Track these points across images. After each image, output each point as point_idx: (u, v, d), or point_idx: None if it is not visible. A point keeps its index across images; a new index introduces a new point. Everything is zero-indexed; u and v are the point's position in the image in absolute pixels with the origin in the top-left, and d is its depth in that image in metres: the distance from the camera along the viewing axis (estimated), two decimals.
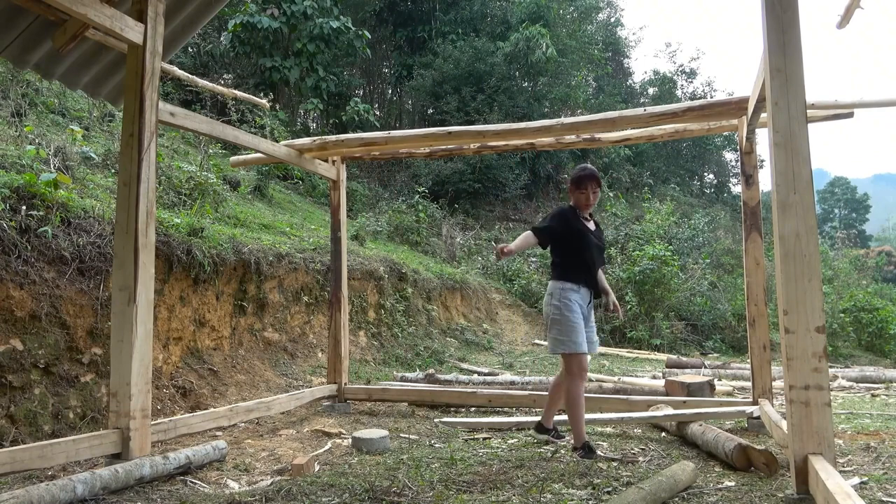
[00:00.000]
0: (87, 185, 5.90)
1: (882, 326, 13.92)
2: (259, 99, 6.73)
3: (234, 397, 5.58)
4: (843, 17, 3.64)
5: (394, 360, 8.38)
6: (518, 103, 18.07)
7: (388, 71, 22.01)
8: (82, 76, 4.48)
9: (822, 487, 2.36)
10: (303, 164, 5.66)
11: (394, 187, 16.72)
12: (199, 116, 4.41)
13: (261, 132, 10.91)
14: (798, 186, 2.76)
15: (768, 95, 2.87)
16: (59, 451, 3.13)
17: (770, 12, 2.86)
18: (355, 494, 3.02)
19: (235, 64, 15.47)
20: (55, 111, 8.15)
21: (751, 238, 4.71)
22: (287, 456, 4.01)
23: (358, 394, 5.73)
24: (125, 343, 3.43)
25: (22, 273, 4.06)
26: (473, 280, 12.18)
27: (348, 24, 14.85)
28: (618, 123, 4.85)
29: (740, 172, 4.92)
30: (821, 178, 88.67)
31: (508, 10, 21.46)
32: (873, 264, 24.35)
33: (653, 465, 3.64)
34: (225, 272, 6.07)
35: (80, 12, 3.27)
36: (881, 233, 59.40)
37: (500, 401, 5.44)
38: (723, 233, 20.80)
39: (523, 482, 3.23)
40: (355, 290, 8.26)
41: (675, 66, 29.11)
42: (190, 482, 3.40)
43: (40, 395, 4.00)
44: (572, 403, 3.86)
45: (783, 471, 3.29)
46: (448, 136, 5.28)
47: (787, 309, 2.73)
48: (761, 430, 4.38)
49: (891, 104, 4.87)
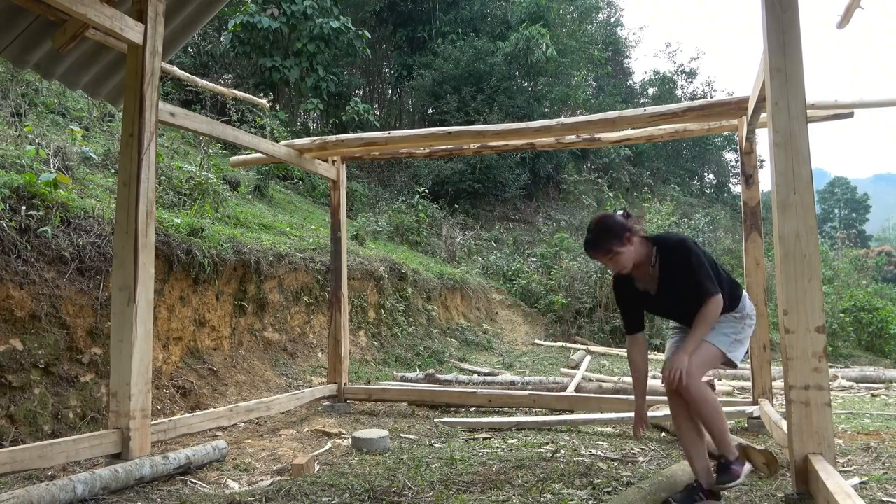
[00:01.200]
0: (87, 185, 5.89)
1: (882, 326, 13.92)
2: (259, 99, 6.74)
3: (234, 397, 5.58)
4: (843, 17, 3.65)
5: (394, 360, 8.38)
6: (518, 103, 18.07)
7: (388, 71, 22.01)
8: (82, 76, 4.48)
9: (822, 487, 2.36)
10: (303, 164, 5.66)
11: (394, 187, 16.72)
12: (199, 116, 4.41)
13: (261, 132, 10.91)
14: (798, 186, 2.76)
15: (768, 95, 2.87)
16: (59, 451, 3.13)
17: (770, 12, 2.86)
18: (355, 494, 3.02)
19: (235, 64, 15.47)
20: (55, 111, 8.15)
21: (751, 238, 4.71)
22: (287, 456, 4.01)
23: (358, 394, 5.73)
24: (125, 343, 3.43)
25: (22, 273, 4.06)
26: (473, 280, 12.18)
27: (348, 24, 14.86)
28: (618, 123, 4.85)
29: (740, 172, 4.92)
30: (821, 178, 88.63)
31: (508, 10, 21.47)
32: (873, 264, 24.35)
33: (653, 465, 3.64)
34: (225, 272, 6.07)
35: (80, 12, 3.27)
36: (881, 233, 59.39)
37: (500, 401, 5.44)
38: (723, 233, 20.78)
39: (523, 482, 3.23)
40: (355, 290, 8.26)
41: (675, 66, 29.12)
42: (190, 482, 3.40)
43: (40, 395, 4.00)
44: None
45: (783, 471, 3.28)
46: (448, 136, 5.28)
47: (787, 309, 2.73)
48: (761, 430, 4.38)
49: (891, 104, 4.87)
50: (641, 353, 3.02)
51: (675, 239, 2.89)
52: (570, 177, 19.90)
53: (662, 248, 2.86)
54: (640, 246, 2.86)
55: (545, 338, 11.91)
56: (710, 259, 2.90)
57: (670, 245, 2.86)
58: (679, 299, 2.85)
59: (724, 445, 2.77)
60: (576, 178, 20.02)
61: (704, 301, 2.72)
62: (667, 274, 2.86)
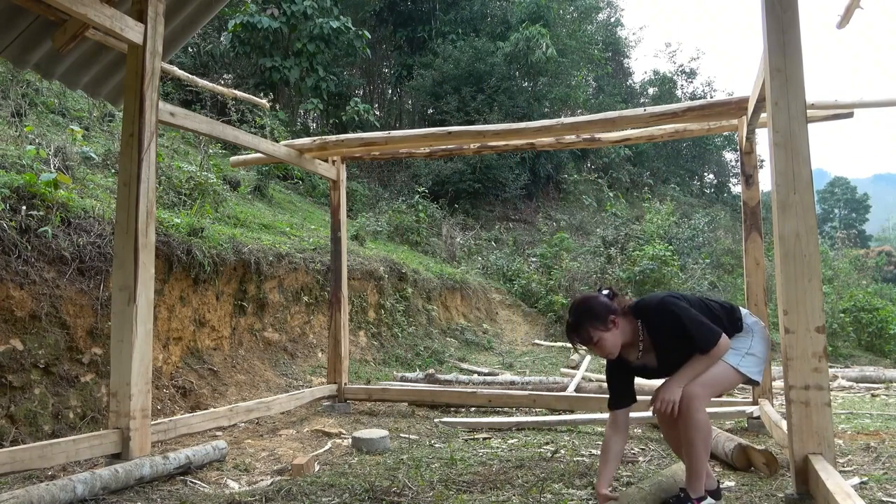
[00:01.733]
0: (87, 185, 5.89)
1: (882, 326, 13.92)
2: (259, 99, 6.73)
3: (234, 397, 5.58)
4: (843, 17, 3.64)
5: (394, 360, 8.38)
6: (518, 103, 18.07)
7: (388, 71, 22.01)
8: (82, 76, 4.48)
9: (822, 487, 2.36)
10: (303, 164, 5.66)
11: (394, 187, 16.72)
12: (199, 116, 4.41)
13: (261, 132, 10.91)
14: (798, 186, 2.76)
15: (768, 95, 2.87)
16: (59, 451, 3.13)
17: (770, 12, 2.86)
18: (355, 494, 3.02)
19: (235, 64, 15.47)
20: (55, 111, 8.15)
21: (751, 238, 4.71)
22: (287, 456, 4.01)
23: (358, 394, 5.73)
24: (125, 343, 3.43)
25: (22, 273, 4.06)
26: (473, 280, 12.18)
27: (348, 24, 14.86)
28: (618, 123, 4.85)
29: (740, 172, 4.92)
30: (821, 178, 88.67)
31: (508, 10, 21.47)
32: (873, 264, 24.37)
33: (653, 465, 3.64)
34: (225, 272, 6.07)
35: (80, 12, 3.27)
36: (881, 233, 59.38)
37: (500, 401, 5.44)
38: (723, 233, 20.81)
39: (523, 482, 3.23)
40: (355, 290, 8.26)
41: (675, 66, 29.17)
42: (190, 482, 3.40)
43: (40, 395, 4.00)
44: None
45: (783, 471, 3.29)
46: (448, 136, 5.28)
47: (787, 309, 2.73)
48: (761, 430, 4.38)
49: (891, 104, 4.87)
50: (621, 435, 2.74)
51: (656, 303, 2.71)
52: (570, 177, 19.92)
53: (646, 318, 2.69)
54: (625, 325, 2.69)
55: (545, 338, 11.91)
56: (697, 299, 2.75)
57: (653, 312, 2.68)
58: (684, 361, 2.65)
59: (694, 480, 2.59)
60: (576, 178, 20.04)
61: (708, 352, 2.59)
62: (661, 342, 2.69)
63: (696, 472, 2.60)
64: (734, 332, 2.74)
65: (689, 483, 2.63)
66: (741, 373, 2.66)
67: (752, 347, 2.73)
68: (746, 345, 2.73)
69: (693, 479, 2.62)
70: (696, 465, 2.59)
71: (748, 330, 2.79)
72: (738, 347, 2.71)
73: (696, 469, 2.60)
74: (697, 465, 2.59)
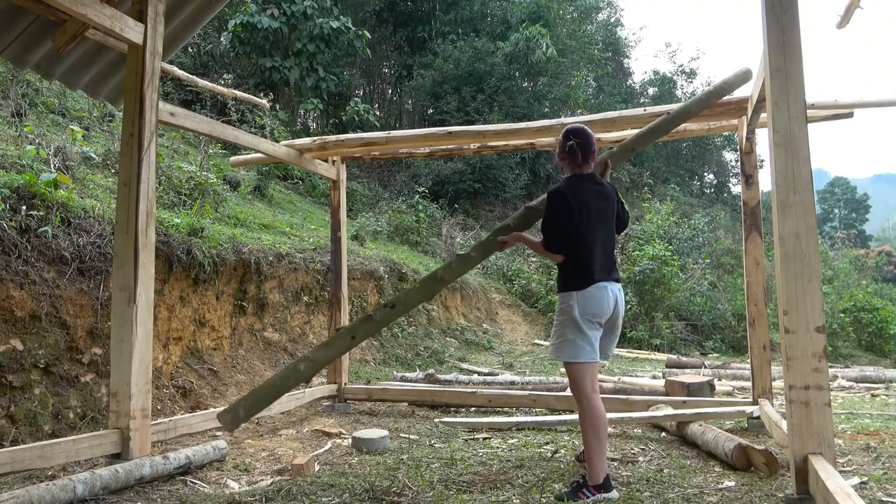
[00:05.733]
0: (87, 185, 5.89)
1: (882, 326, 13.91)
2: (259, 99, 6.74)
3: (234, 397, 5.58)
4: (843, 17, 3.65)
5: (394, 360, 8.38)
6: (518, 103, 18.06)
7: (388, 71, 22.01)
8: (82, 76, 4.48)
9: (822, 487, 2.36)
10: (303, 164, 5.66)
11: (394, 187, 16.72)
12: (199, 116, 4.41)
13: (261, 132, 10.91)
14: (798, 186, 2.76)
15: (768, 95, 2.87)
16: (59, 451, 3.13)
17: (770, 12, 2.86)
18: (355, 494, 3.02)
19: (235, 64, 15.47)
20: (55, 111, 8.14)
21: (751, 238, 4.71)
22: (287, 456, 4.01)
23: (358, 394, 5.73)
24: (125, 343, 3.43)
25: (22, 273, 4.06)
26: (473, 280, 12.18)
27: (348, 24, 14.86)
28: (618, 123, 4.85)
29: (740, 172, 4.92)
30: (821, 178, 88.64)
31: (508, 10, 21.46)
32: (873, 264, 24.38)
33: (653, 464, 3.64)
34: (225, 272, 6.07)
35: (80, 12, 3.27)
36: (881, 233, 59.35)
37: (500, 401, 5.44)
38: (723, 233, 20.80)
39: (523, 482, 3.23)
40: (355, 290, 8.26)
41: (675, 67, 29.11)
42: (190, 482, 3.40)
43: (40, 395, 4.00)
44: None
45: (783, 471, 3.29)
46: (448, 136, 5.28)
47: (787, 309, 2.73)
48: (761, 430, 4.38)
49: (891, 104, 4.87)
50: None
51: (551, 188, 3.41)
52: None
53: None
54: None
55: (545, 338, 11.91)
56: (577, 220, 3.25)
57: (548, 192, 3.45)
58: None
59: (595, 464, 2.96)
60: None
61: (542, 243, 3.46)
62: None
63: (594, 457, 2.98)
64: (570, 288, 3.12)
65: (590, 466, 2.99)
66: (562, 360, 3.14)
67: (559, 331, 3.12)
68: (556, 331, 3.14)
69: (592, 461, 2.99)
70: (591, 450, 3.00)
71: (561, 308, 3.13)
72: (552, 337, 3.19)
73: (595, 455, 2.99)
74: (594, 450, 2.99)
